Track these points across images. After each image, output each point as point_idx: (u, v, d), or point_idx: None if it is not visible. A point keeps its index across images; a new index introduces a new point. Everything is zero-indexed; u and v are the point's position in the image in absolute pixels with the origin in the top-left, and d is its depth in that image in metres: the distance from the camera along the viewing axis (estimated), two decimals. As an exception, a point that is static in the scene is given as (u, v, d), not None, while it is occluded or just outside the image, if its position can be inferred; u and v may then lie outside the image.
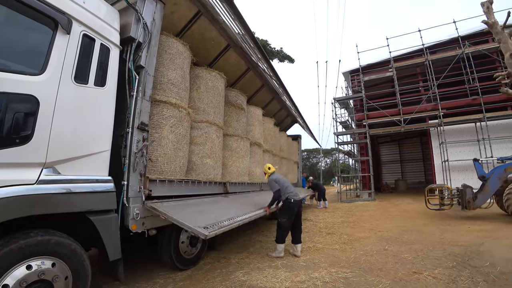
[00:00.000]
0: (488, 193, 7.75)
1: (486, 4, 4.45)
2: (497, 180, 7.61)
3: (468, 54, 14.19)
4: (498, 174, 7.61)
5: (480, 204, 7.81)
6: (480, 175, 7.96)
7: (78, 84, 2.64)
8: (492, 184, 7.64)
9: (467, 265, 3.89)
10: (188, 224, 3.07)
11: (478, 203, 7.76)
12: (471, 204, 7.78)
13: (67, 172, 2.52)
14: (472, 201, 7.79)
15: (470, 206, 7.79)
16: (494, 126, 13.38)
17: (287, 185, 5.09)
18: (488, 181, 7.69)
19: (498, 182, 7.61)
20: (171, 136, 4.08)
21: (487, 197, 7.80)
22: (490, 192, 7.73)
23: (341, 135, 18.07)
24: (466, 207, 7.88)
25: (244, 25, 5.51)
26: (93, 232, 2.69)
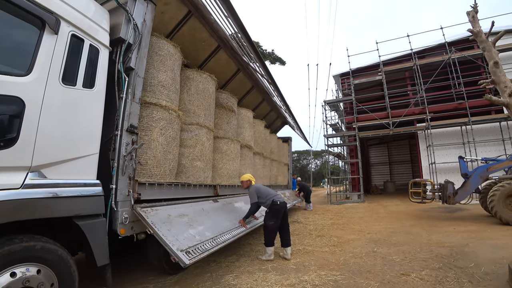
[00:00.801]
0: (468, 190, 8.19)
1: (472, 13, 4.57)
2: (478, 178, 8.04)
3: (455, 60, 14.60)
4: (480, 172, 8.04)
5: (459, 200, 8.25)
6: (463, 172, 8.45)
7: (65, 85, 2.58)
8: (473, 182, 8.08)
9: (453, 266, 3.98)
10: (172, 246, 3.07)
11: (458, 199, 8.21)
12: (451, 199, 8.25)
13: (53, 176, 2.45)
14: (453, 196, 8.24)
15: (450, 201, 8.26)
16: (478, 130, 13.79)
17: (268, 191, 5.13)
18: (470, 178, 8.12)
19: (479, 180, 8.06)
20: (161, 139, 4.04)
21: (467, 193, 8.25)
22: (470, 189, 8.17)
23: (331, 137, 18.24)
24: (446, 202, 8.35)
25: (237, 21, 5.44)
26: (80, 236, 2.62)
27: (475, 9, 4.71)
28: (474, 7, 4.73)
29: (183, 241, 3.32)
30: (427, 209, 10.58)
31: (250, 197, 5.10)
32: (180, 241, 3.29)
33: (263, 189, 5.17)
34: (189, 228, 3.70)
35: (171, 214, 3.67)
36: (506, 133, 13.20)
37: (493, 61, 4.19)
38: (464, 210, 9.76)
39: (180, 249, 3.15)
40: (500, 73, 4.17)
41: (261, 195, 5.02)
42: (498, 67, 4.17)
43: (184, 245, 3.27)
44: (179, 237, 3.34)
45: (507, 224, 6.71)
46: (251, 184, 5.28)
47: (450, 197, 8.26)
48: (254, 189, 5.10)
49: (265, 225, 4.89)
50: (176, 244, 3.16)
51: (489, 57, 4.29)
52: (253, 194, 5.05)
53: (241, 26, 5.60)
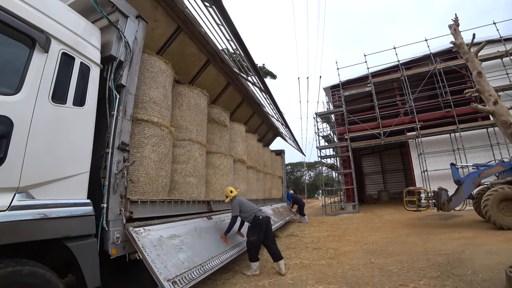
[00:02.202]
0: (462, 197, 8.29)
1: (453, 26, 4.76)
2: (471, 184, 8.17)
3: (440, 70, 15.06)
4: (472, 178, 8.17)
5: (454, 207, 8.34)
6: (456, 179, 8.55)
7: (55, 104, 2.55)
8: (466, 188, 8.19)
9: (450, 274, 3.97)
10: (159, 276, 3.02)
11: (452, 205, 8.31)
12: (445, 206, 8.34)
13: (42, 197, 2.38)
14: (447, 203, 8.33)
15: (444, 208, 8.36)
16: (467, 136, 14.10)
17: (251, 206, 5.09)
18: (462, 185, 8.24)
19: (472, 186, 8.18)
20: (153, 156, 4.00)
21: (461, 200, 8.35)
22: (464, 195, 8.27)
23: (324, 148, 18.36)
24: (441, 209, 8.43)
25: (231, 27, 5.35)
26: (70, 258, 2.53)
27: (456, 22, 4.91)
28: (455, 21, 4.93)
29: (171, 269, 3.25)
30: (421, 217, 10.60)
31: (232, 210, 5.06)
32: (168, 268, 3.22)
33: (246, 203, 5.14)
34: (179, 252, 3.61)
35: (162, 235, 3.57)
36: (494, 138, 13.51)
37: (476, 71, 4.34)
38: (458, 216, 9.81)
39: (167, 278, 3.08)
40: (484, 82, 4.31)
41: (244, 209, 4.99)
42: (481, 76, 4.31)
43: (172, 274, 3.20)
44: (168, 264, 3.27)
45: (501, 229, 6.76)
46: (235, 197, 5.25)
47: (445, 204, 8.36)
48: (237, 202, 5.08)
49: (248, 241, 4.85)
50: (164, 273, 3.09)
51: (472, 67, 4.44)
52: (235, 207, 5.01)
53: (235, 32, 5.49)
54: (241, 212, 4.98)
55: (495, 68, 14.31)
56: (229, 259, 4.64)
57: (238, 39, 5.62)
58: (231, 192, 5.28)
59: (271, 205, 10.17)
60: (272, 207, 10.02)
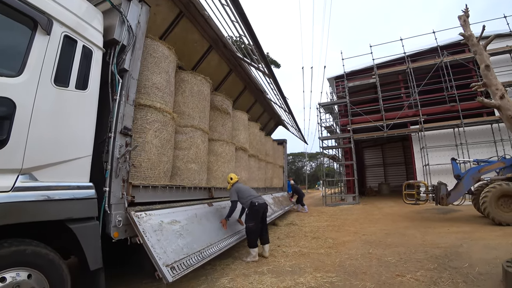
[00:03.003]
0: (460, 191, 8.27)
1: (463, 18, 4.65)
2: (470, 179, 8.15)
3: (447, 63, 14.81)
4: (472, 174, 8.15)
5: (452, 201, 8.34)
6: (456, 173, 8.50)
7: (58, 87, 2.54)
8: (466, 183, 8.18)
9: (447, 267, 4.00)
10: (158, 261, 3.06)
11: (450, 200, 8.31)
12: (444, 200, 8.33)
13: (45, 179, 2.41)
14: (446, 197, 8.32)
15: (443, 202, 8.35)
16: (471, 132, 13.98)
17: (249, 192, 5.21)
18: (462, 180, 8.22)
19: (472, 181, 8.16)
20: (155, 141, 4.01)
21: (460, 194, 8.33)
22: (463, 190, 8.25)
23: (326, 139, 18.32)
24: (440, 203, 8.42)
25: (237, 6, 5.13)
26: (73, 240, 2.58)
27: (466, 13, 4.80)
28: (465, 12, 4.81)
29: (170, 254, 3.30)
30: (421, 211, 10.65)
31: (230, 195, 5.22)
32: (168, 254, 3.27)
33: (244, 189, 5.27)
34: (178, 238, 3.66)
35: (163, 220, 3.62)
36: (498, 135, 13.39)
37: (484, 64, 4.26)
38: (457, 211, 9.85)
39: (166, 263, 3.13)
40: (491, 76, 4.24)
41: (241, 195, 5.13)
42: (489, 70, 4.25)
43: (171, 259, 3.25)
44: (167, 249, 3.32)
45: (500, 225, 6.78)
46: (234, 184, 5.38)
47: (443, 198, 8.36)
48: (235, 188, 5.22)
49: (247, 227, 4.98)
50: (163, 258, 3.15)
51: (480, 60, 4.36)
52: (233, 192, 5.17)
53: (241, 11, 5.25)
54: (239, 198, 5.14)
55: (503, 63, 14.04)
56: (227, 247, 4.71)
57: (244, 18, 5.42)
58: (231, 179, 5.42)
59: (271, 194, 10.23)
60: (273, 196, 10.09)
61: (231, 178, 5.43)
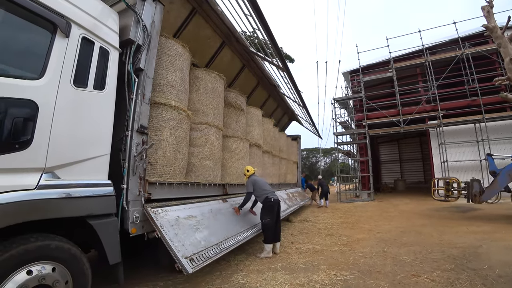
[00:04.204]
0: (495, 189, 7.71)
1: (487, 8, 4.44)
2: (507, 176, 7.55)
3: (468, 55, 14.22)
4: (509, 170, 7.53)
5: (486, 199, 7.80)
6: (492, 170, 7.93)
7: (77, 88, 2.63)
8: (501, 180, 7.58)
9: (465, 268, 3.90)
10: (177, 253, 3.12)
11: (484, 198, 7.77)
12: (477, 197, 7.83)
13: (66, 177, 2.51)
14: (479, 195, 7.81)
15: (476, 200, 7.86)
16: (493, 127, 13.43)
17: (265, 186, 5.26)
18: (497, 176, 7.64)
19: (508, 178, 7.55)
20: (171, 139, 4.08)
21: (495, 192, 7.79)
22: (498, 188, 7.68)
23: (341, 135, 18.09)
24: (472, 200, 7.94)
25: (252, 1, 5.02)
26: (93, 235, 2.68)
27: (490, 3, 4.58)
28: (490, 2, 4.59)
29: (188, 247, 3.37)
30: (438, 209, 10.39)
31: (246, 187, 5.29)
32: (186, 247, 3.34)
33: (260, 182, 5.31)
34: (195, 232, 3.74)
35: (179, 215, 3.71)
36: (522, 130, 12.80)
37: (509, 57, 4.08)
38: (477, 209, 9.53)
39: (185, 256, 3.20)
40: (516, 70, 4.06)
41: (257, 188, 5.19)
42: (514, 63, 4.06)
43: (189, 252, 3.32)
44: (185, 243, 3.39)
45: None
46: (250, 176, 5.44)
47: (476, 196, 7.87)
48: (251, 181, 5.26)
49: (262, 223, 5.03)
50: (182, 251, 3.22)
51: (505, 53, 4.17)
52: (249, 184, 5.23)
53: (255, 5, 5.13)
54: (254, 191, 5.20)
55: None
56: (245, 240, 4.76)
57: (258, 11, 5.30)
58: (247, 171, 5.50)
59: (285, 189, 10.24)
60: (287, 192, 10.10)
61: (247, 170, 5.52)
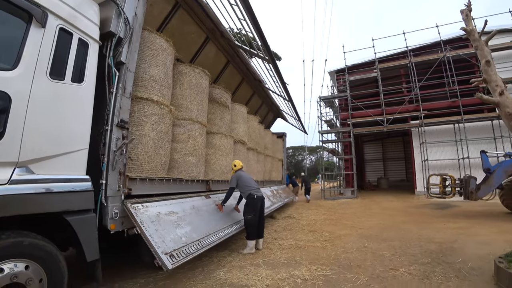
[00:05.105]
0: (491, 186, 7.84)
1: (465, 12, 4.59)
2: (502, 173, 7.69)
3: (449, 58, 14.68)
4: (506, 167, 7.68)
5: (482, 196, 7.92)
6: (486, 167, 7.98)
7: (53, 80, 2.54)
8: (497, 177, 7.72)
9: (441, 261, 4.05)
10: (157, 249, 3.08)
11: (480, 194, 7.89)
12: (473, 194, 7.91)
13: (41, 172, 2.43)
14: (475, 191, 7.90)
15: (472, 197, 7.94)
16: (471, 128, 13.96)
17: (249, 183, 5.25)
18: (493, 173, 7.75)
19: (504, 175, 7.70)
20: (152, 134, 4.02)
21: (490, 189, 7.91)
22: (494, 184, 7.81)
23: (326, 133, 18.32)
24: (468, 197, 8.01)
25: None
26: (70, 232, 2.61)
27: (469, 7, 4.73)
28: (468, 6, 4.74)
29: (169, 243, 3.33)
30: (419, 206, 10.72)
31: (230, 182, 5.29)
32: (166, 243, 3.30)
33: (246, 178, 5.30)
34: (177, 228, 3.70)
35: (161, 211, 3.66)
36: (498, 131, 13.36)
37: (485, 59, 4.23)
38: (455, 206, 9.89)
39: (165, 252, 3.17)
40: (492, 72, 4.21)
41: (241, 184, 5.19)
42: (489, 66, 4.21)
43: (170, 248, 3.28)
44: (166, 239, 3.35)
45: None
46: (237, 170, 5.44)
47: (473, 193, 7.93)
48: (236, 176, 5.25)
49: (245, 220, 5.04)
50: (162, 247, 3.18)
51: (481, 55, 4.32)
52: (233, 179, 5.22)
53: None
54: (238, 186, 5.21)
55: (505, 59, 13.92)
56: (227, 236, 4.76)
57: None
58: (234, 166, 5.50)
59: (270, 187, 10.28)
60: (271, 189, 10.14)
61: (234, 165, 5.50)
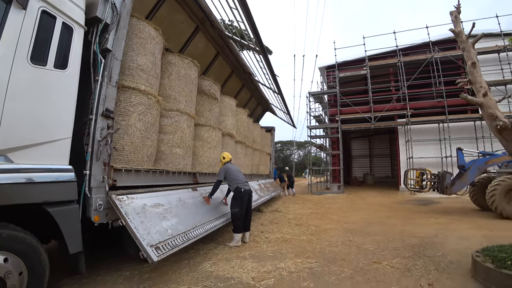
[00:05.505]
0: (465, 182, 8.27)
1: (454, 13, 4.64)
2: (476, 170, 8.15)
3: (437, 59, 14.99)
4: (479, 165, 8.15)
5: (456, 191, 8.33)
6: (461, 164, 8.44)
7: (34, 65, 2.43)
8: (471, 173, 8.16)
9: (422, 255, 4.18)
10: (142, 241, 3.03)
11: (454, 189, 8.30)
12: (448, 189, 8.32)
13: (21, 161, 2.34)
14: (450, 187, 8.31)
15: (447, 191, 8.35)
16: (455, 128, 14.38)
17: (237, 176, 5.22)
18: (468, 170, 8.17)
19: (477, 172, 8.16)
20: (139, 124, 3.94)
21: (464, 185, 8.34)
22: (468, 180, 8.25)
23: (314, 129, 18.46)
24: (443, 192, 8.41)
25: None
26: (52, 224, 2.53)
27: (458, 9, 4.80)
28: (457, 8, 4.81)
29: (154, 235, 3.29)
30: (403, 202, 10.98)
31: (218, 174, 5.25)
32: (152, 235, 3.26)
33: (234, 171, 5.26)
34: (162, 220, 3.66)
35: (146, 203, 3.60)
36: (480, 132, 13.85)
37: (471, 61, 4.30)
38: (436, 203, 10.20)
39: (151, 244, 3.12)
40: (477, 74, 4.29)
41: (229, 177, 5.16)
42: (475, 67, 4.29)
43: (155, 240, 3.24)
44: (151, 231, 3.30)
45: (507, 218, 6.79)
46: (225, 163, 5.38)
47: (447, 188, 8.34)
48: (225, 169, 5.21)
49: (232, 213, 5.04)
50: (147, 239, 3.13)
51: (467, 57, 4.40)
52: (221, 172, 5.18)
53: None
54: (226, 179, 5.18)
55: (491, 62, 14.34)
56: (214, 229, 4.74)
57: None
58: (223, 158, 5.44)
59: (257, 180, 10.31)
60: (259, 183, 10.17)
61: (223, 157, 5.45)
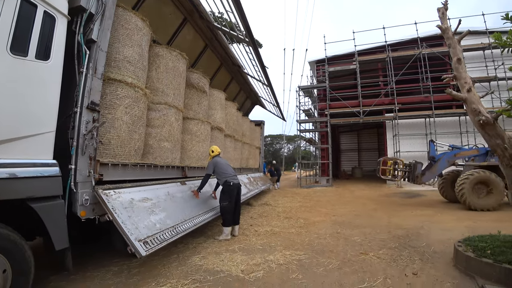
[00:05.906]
0: (435, 172, 8.77)
1: (442, 10, 4.71)
2: (445, 162, 8.63)
3: (425, 55, 15.25)
4: (448, 157, 8.64)
5: (426, 181, 8.83)
6: (431, 155, 8.90)
7: (14, 56, 2.34)
8: (441, 165, 8.65)
9: (407, 246, 4.31)
10: (130, 236, 2.99)
11: (424, 179, 8.75)
12: (419, 178, 8.74)
13: (3, 156, 2.26)
14: (420, 176, 8.73)
15: (417, 180, 8.77)
16: (440, 123, 14.73)
17: (226, 169, 5.21)
18: (438, 162, 8.64)
19: (446, 164, 8.65)
20: (126, 118, 3.86)
21: (434, 175, 8.85)
22: (437, 171, 8.75)
23: (304, 122, 18.56)
24: (414, 181, 8.84)
25: None
26: (37, 220, 2.47)
27: (445, 6, 4.87)
28: (445, 4, 4.88)
29: (142, 230, 3.26)
30: (389, 194, 11.22)
31: (206, 168, 5.22)
32: (140, 229, 3.23)
33: (223, 165, 5.24)
34: (150, 214, 3.62)
35: (134, 198, 3.56)
36: (464, 127, 14.25)
37: (456, 57, 4.39)
38: (422, 196, 10.48)
39: (139, 238, 3.09)
40: (462, 70, 4.39)
41: (217, 171, 5.16)
42: (460, 63, 4.38)
43: (143, 234, 3.21)
44: (139, 225, 3.27)
45: (474, 210, 7.17)
46: (214, 156, 5.36)
47: (418, 177, 8.75)
48: (213, 162, 5.19)
49: (221, 206, 5.06)
50: (135, 234, 3.10)
51: (453, 53, 4.48)
52: (210, 166, 5.16)
53: None
54: (215, 173, 5.17)
55: (477, 59, 14.72)
56: (203, 222, 4.74)
57: None
58: (212, 151, 5.42)
59: (247, 174, 10.33)
60: (248, 176, 10.19)
61: (212, 151, 5.43)
